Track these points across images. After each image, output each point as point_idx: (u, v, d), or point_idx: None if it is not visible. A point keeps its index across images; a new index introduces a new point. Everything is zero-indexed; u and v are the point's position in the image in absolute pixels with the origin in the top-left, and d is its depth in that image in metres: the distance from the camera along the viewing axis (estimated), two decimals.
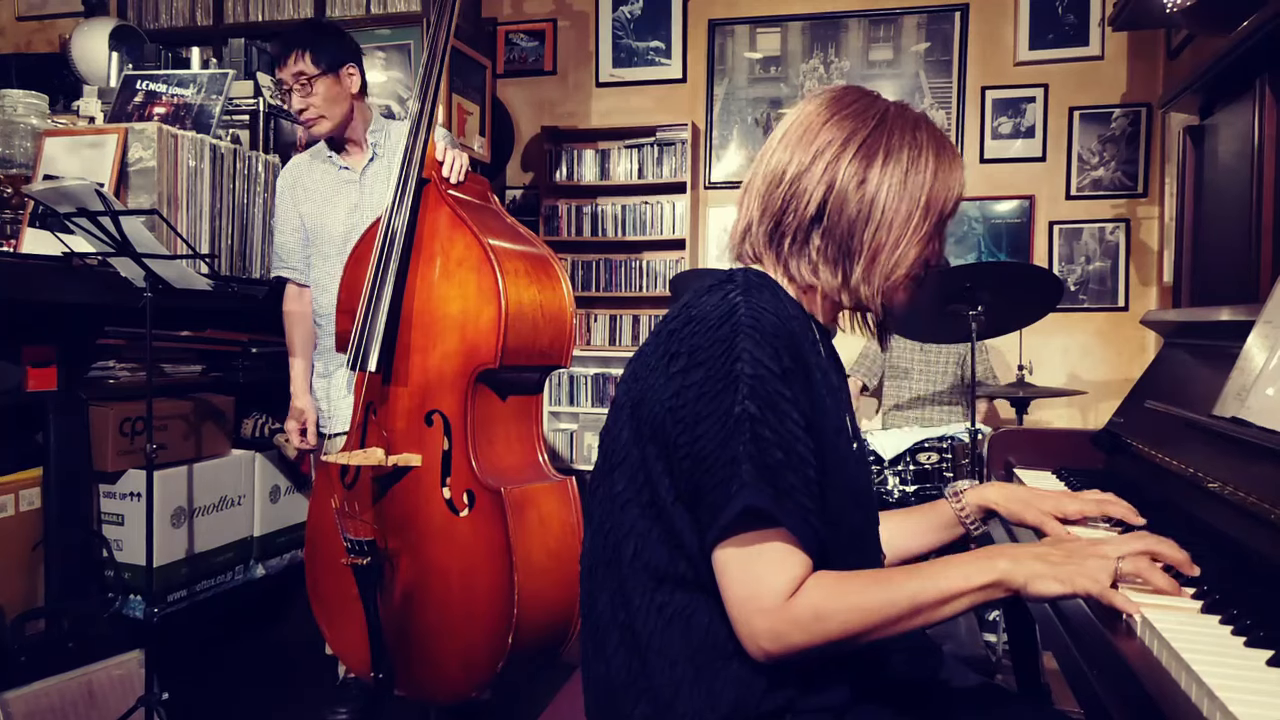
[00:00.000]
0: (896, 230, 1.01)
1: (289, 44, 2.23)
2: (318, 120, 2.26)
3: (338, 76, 2.25)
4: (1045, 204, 4.40)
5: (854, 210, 1.00)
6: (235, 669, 2.73)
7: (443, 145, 2.04)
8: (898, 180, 1.00)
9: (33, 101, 2.62)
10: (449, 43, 2.03)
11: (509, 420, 1.98)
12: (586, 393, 4.87)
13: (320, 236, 2.33)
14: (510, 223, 2.08)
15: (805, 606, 0.86)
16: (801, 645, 0.87)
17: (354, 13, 3.95)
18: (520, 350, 1.89)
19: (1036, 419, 4.20)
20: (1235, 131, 2.05)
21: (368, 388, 1.97)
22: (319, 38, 2.26)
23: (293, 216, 2.37)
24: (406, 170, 1.95)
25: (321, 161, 2.37)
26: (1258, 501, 1.07)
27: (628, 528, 0.99)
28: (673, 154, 4.69)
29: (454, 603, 1.86)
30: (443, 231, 1.94)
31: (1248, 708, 0.68)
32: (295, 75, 2.21)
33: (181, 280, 2.06)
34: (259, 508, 2.85)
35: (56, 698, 2.05)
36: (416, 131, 1.97)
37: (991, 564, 0.89)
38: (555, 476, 1.98)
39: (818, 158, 1.02)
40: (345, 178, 2.33)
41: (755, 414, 0.88)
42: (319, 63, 2.21)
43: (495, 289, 1.84)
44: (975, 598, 0.89)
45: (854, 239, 1.01)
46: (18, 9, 4.88)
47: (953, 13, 4.46)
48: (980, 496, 1.23)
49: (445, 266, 1.92)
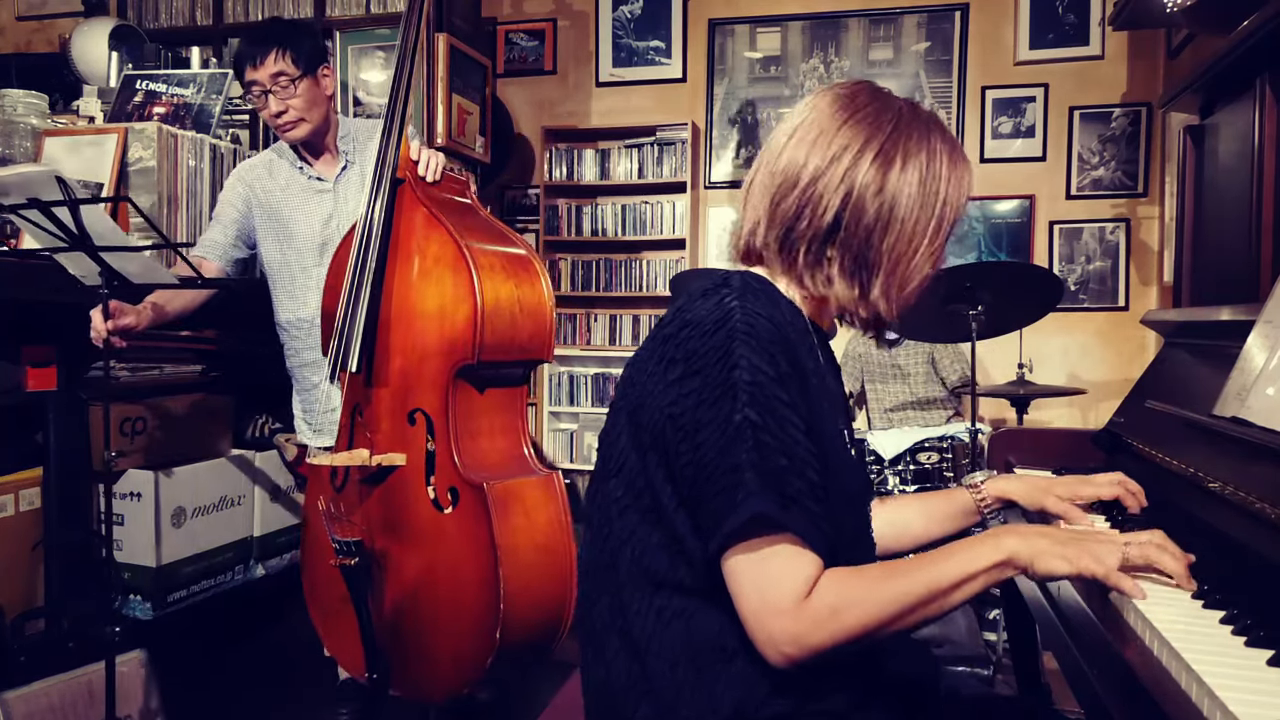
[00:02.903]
0: (916, 238, 0.98)
1: (266, 41, 2.08)
2: (296, 124, 2.15)
3: (316, 78, 2.15)
4: (1045, 204, 4.40)
5: (872, 218, 0.98)
6: (235, 669, 2.73)
7: (417, 144, 2.01)
8: (916, 185, 0.98)
9: (33, 101, 2.62)
10: (418, 41, 1.99)
11: (492, 416, 1.98)
12: (586, 393, 4.87)
13: (293, 247, 2.24)
14: (488, 220, 2.07)
15: (822, 604, 0.86)
16: (821, 645, 0.86)
17: (354, 12, 3.94)
18: (499, 346, 1.89)
19: (1036, 419, 4.20)
20: (1235, 131, 2.04)
21: (351, 389, 1.97)
22: (297, 36, 2.13)
23: (240, 210, 2.23)
24: (381, 171, 1.93)
25: (287, 169, 2.26)
26: (1258, 501, 1.07)
27: (627, 533, 0.98)
28: (673, 154, 4.69)
29: (442, 600, 1.86)
30: (419, 231, 1.93)
31: (1248, 707, 0.68)
32: (274, 76, 2.08)
33: (145, 275, 1.94)
34: (259, 508, 2.85)
35: (56, 698, 2.05)
36: (389, 132, 1.93)
37: (998, 543, 0.90)
38: (541, 470, 1.97)
39: (835, 162, 0.98)
40: (318, 187, 2.25)
41: (756, 420, 0.87)
42: (299, 62, 2.09)
43: (471, 285, 1.84)
44: (987, 578, 0.89)
45: (871, 249, 0.99)
46: (18, 9, 4.88)
47: (953, 12, 4.46)
48: (999, 487, 1.24)
49: (423, 265, 1.92)
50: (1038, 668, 1.83)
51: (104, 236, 1.86)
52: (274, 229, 2.26)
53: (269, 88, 2.10)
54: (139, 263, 1.92)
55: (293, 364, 2.34)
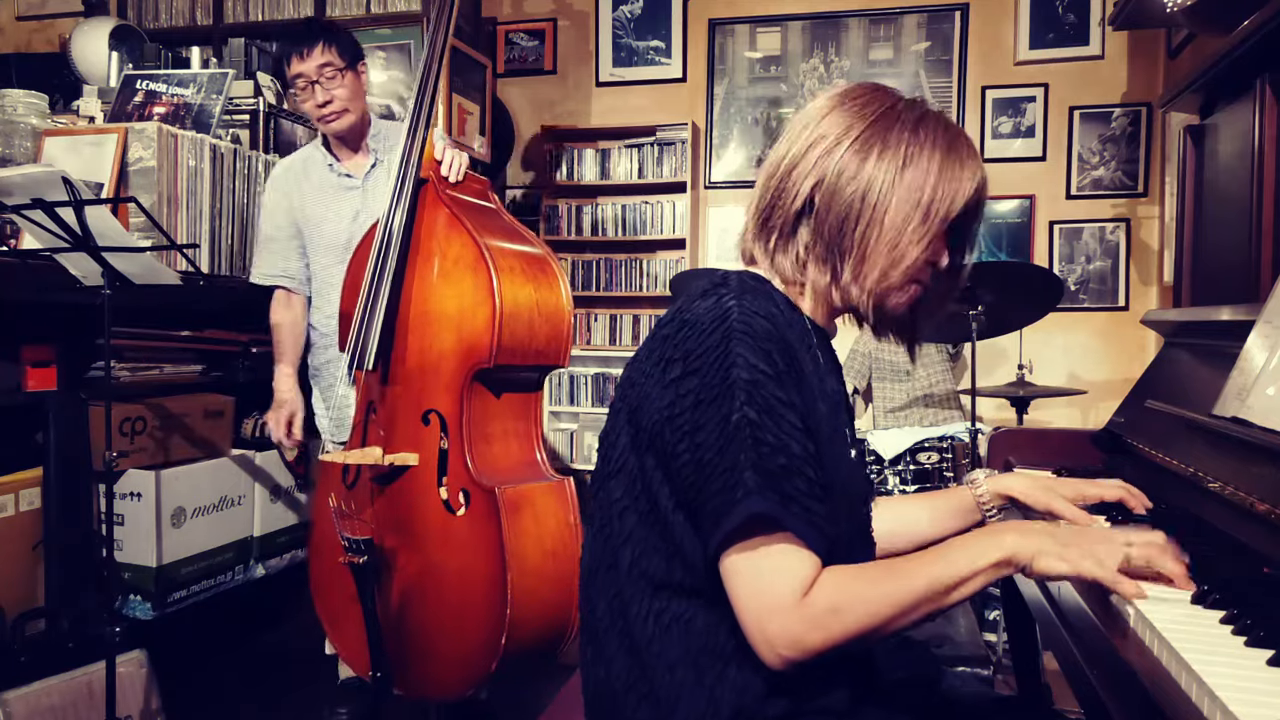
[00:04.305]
0: (891, 229, 0.97)
1: (311, 35, 2.17)
2: (341, 114, 2.21)
3: (356, 72, 2.24)
4: (1045, 204, 4.40)
5: (844, 205, 0.98)
6: (235, 669, 2.73)
7: (441, 145, 2.03)
8: (891, 175, 0.97)
9: (33, 101, 2.62)
10: (448, 42, 2.02)
11: (506, 420, 1.98)
12: (586, 393, 4.87)
13: (320, 244, 2.28)
14: (509, 222, 2.08)
15: (821, 604, 0.85)
16: (819, 645, 0.85)
17: (354, 12, 3.95)
18: (515, 350, 1.89)
19: (1036, 419, 4.20)
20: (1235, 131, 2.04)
21: (368, 387, 1.97)
22: (339, 32, 2.23)
23: (286, 221, 2.31)
24: (405, 170, 1.94)
25: (318, 166, 2.31)
26: (1258, 501, 1.07)
27: (626, 534, 0.98)
28: (673, 154, 4.69)
29: (449, 602, 1.86)
30: (440, 231, 1.93)
31: (1248, 707, 0.68)
32: (321, 67, 2.15)
33: (146, 276, 1.96)
34: (259, 508, 2.85)
35: (56, 698, 2.05)
36: (414, 131, 1.95)
37: (998, 540, 0.89)
38: (553, 476, 1.97)
39: (811, 148, 1.00)
40: (347, 184, 2.29)
41: (754, 419, 0.87)
42: (343, 55, 2.18)
43: (490, 288, 1.84)
44: (987, 576, 0.88)
45: (844, 236, 0.98)
46: (18, 9, 4.88)
47: (953, 12, 4.46)
48: (1001, 485, 1.23)
49: (443, 266, 1.92)
50: (1038, 668, 1.83)
51: (107, 237, 1.86)
52: (307, 230, 2.31)
53: (315, 78, 2.16)
54: (141, 263, 1.93)
55: (316, 361, 2.36)
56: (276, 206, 2.32)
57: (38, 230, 1.85)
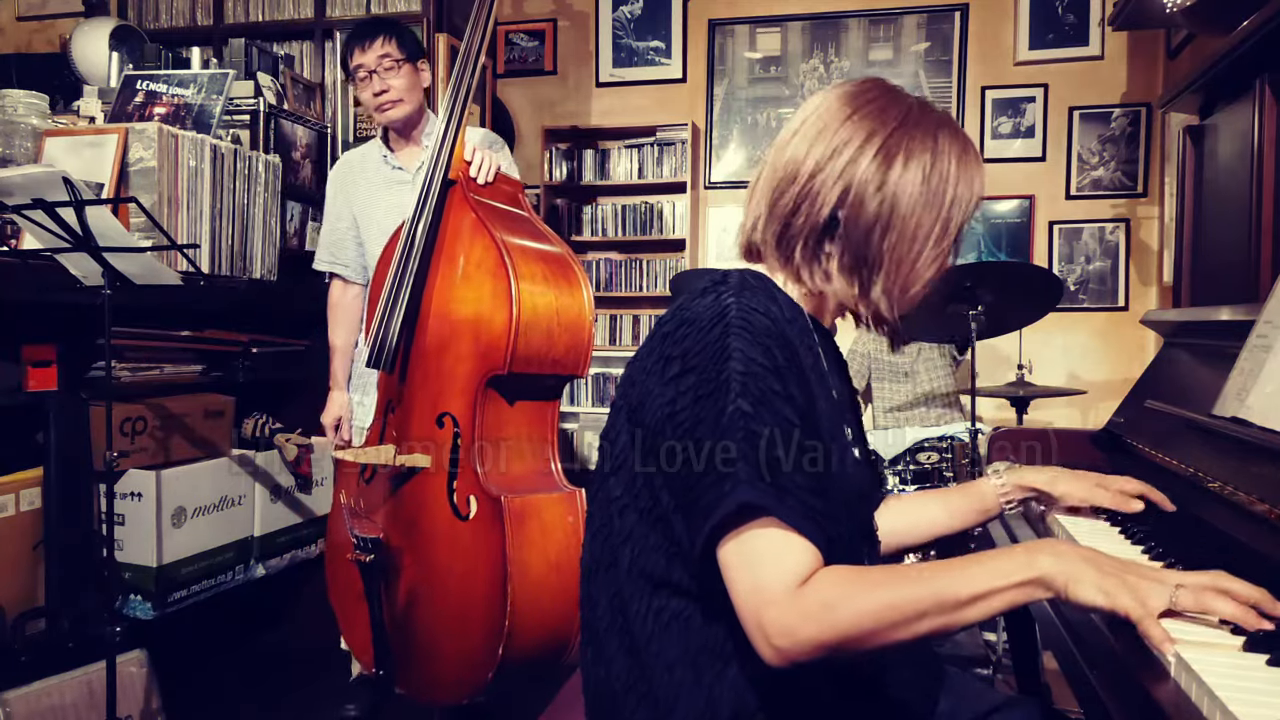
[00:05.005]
0: (920, 239, 0.97)
1: (374, 27, 2.24)
2: (396, 104, 2.25)
3: (415, 67, 2.28)
4: (1045, 204, 4.40)
5: (872, 215, 0.96)
6: (235, 669, 2.73)
7: (472, 146, 2.01)
8: (919, 184, 0.96)
9: (33, 101, 2.62)
10: (484, 44, 1.98)
11: (520, 427, 1.95)
12: (586, 393, 4.87)
13: (373, 235, 2.32)
14: (538, 228, 2.04)
15: (815, 597, 0.81)
16: (814, 640, 0.80)
17: (354, 12, 3.94)
18: (532, 358, 1.87)
19: (1036, 419, 4.20)
20: (1235, 131, 2.04)
21: (387, 386, 1.98)
22: (401, 27, 2.28)
23: (345, 212, 2.38)
24: (432, 171, 1.94)
25: (375, 159, 2.38)
26: (1258, 501, 1.07)
27: (626, 533, 0.98)
28: (673, 154, 4.70)
29: (451, 607, 1.86)
30: (465, 233, 1.91)
31: (1248, 707, 0.69)
32: (381, 57, 2.21)
33: (146, 276, 1.95)
34: (259, 508, 2.85)
35: (57, 698, 2.05)
36: (445, 132, 1.94)
37: (1032, 559, 0.82)
38: (565, 487, 1.94)
39: (834, 156, 0.97)
40: (398, 178, 2.33)
41: (748, 411, 0.86)
42: (403, 48, 2.23)
43: (509, 294, 1.81)
44: (1011, 597, 0.81)
45: (871, 247, 0.97)
46: (18, 9, 4.88)
47: (953, 12, 4.46)
48: (1022, 477, 1.22)
49: (465, 269, 1.90)
50: (1038, 668, 1.83)
51: (108, 237, 1.86)
52: (362, 222, 2.37)
53: (374, 69, 2.22)
54: (141, 263, 1.93)
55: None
56: (335, 198, 2.41)
57: (38, 230, 1.85)
